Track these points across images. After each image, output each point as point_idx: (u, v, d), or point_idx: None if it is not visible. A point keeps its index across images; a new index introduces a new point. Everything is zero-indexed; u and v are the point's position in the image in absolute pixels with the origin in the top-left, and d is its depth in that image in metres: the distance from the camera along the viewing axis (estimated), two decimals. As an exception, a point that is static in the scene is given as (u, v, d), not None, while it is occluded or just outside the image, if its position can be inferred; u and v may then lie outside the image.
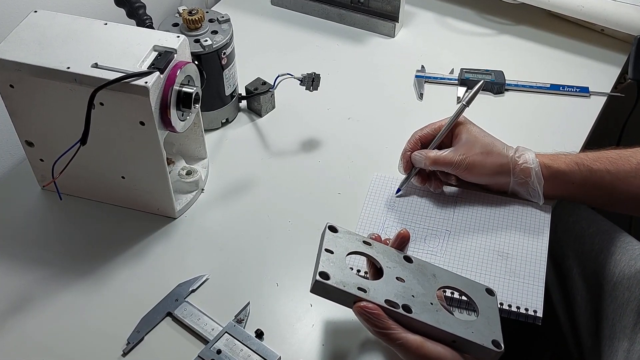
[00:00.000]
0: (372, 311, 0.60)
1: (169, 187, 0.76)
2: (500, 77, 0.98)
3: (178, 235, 0.79)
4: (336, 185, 0.85)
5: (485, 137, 0.77)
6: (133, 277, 0.74)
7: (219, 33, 0.84)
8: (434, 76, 0.99)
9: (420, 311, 0.61)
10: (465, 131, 0.77)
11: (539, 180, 0.75)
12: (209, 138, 0.89)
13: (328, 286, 0.60)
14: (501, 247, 0.75)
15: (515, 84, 0.98)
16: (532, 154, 0.76)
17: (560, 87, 0.97)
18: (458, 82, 0.98)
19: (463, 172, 0.76)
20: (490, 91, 0.97)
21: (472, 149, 0.76)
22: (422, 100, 0.97)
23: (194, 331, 0.69)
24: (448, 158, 0.76)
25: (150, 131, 0.70)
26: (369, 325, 0.60)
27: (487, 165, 0.76)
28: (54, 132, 0.74)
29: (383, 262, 0.65)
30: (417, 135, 0.79)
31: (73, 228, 0.80)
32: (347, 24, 1.10)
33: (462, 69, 0.99)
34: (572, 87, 0.97)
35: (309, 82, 0.87)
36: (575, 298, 0.82)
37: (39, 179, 0.82)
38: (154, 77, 0.66)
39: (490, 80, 0.97)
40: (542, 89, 0.97)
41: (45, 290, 0.73)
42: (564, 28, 1.08)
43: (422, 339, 0.60)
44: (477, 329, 0.62)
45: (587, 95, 0.96)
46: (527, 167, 0.75)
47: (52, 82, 0.68)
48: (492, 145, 0.76)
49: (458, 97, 0.96)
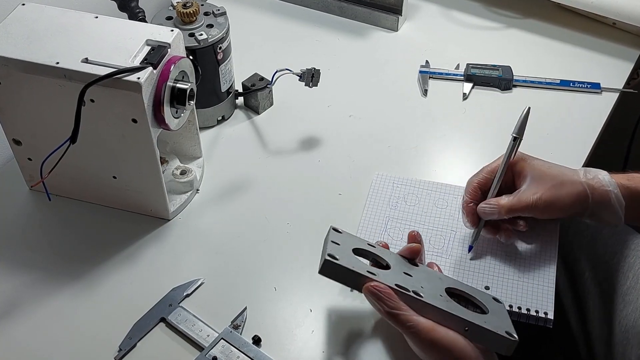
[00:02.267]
0: (382, 290, 0.61)
1: (162, 187, 0.76)
2: (508, 73, 0.98)
3: (172, 238, 0.79)
4: (337, 185, 0.85)
5: (550, 169, 0.72)
6: (125, 281, 0.74)
7: (214, 27, 0.84)
8: (439, 71, 0.99)
9: (431, 298, 0.63)
10: (528, 167, 0.73)
11: (619, 203, 0.70)
12: (204, 136, 0.89)
13: (337, 266, 0.62)
14: (508, 247, 0.75)
15: (524, 79, 0.98)
16: (606, 175, 0.71)
17: (570, 82, 0.97)
18: (464, 77, 0.98)
19: (541, 212, 0.71)
20: (498, 87, 0.97)
21: (542, 184, 0.71)
22: (426, 96, 0.96)
23: (189, 337, 0.69)
24: (523, 202, 0.70)
25: (143, 129, 0.70)
26: (381, 305, 0.62)
27: (563, 198, 0.70)
28: (43, 130, 0.74)
29: (389, 260, 0.67)
30: (474, 183, 0.74)
31: (62, 230, 0.79)
32: (349, 17, 1.10)
33: (468, 64, 0.99)
34: (583, 82, 0.97)
35: (309, 78, 0.87)
36: (587, 302, 0.82)
37: (27, 179, 0.82)
38: (146, 72, 0.66)
39: (498, 76, 0.97)
40: (552, 85, 0.97)
41: (34, 295, 0.73)
42: (574, 21, 1.08)
43: (434, 323, 0.61)
44: (489, 320, 0.63)
45: (599, 92, 0.96)
46: (604, 190, 0.70)
47: (40, 78, 0.68)
48: (561, 175, 0.71)
49: (464, 93, 0.96)
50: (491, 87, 0.97)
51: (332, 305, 0.72)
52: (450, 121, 0.93)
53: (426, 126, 0.92)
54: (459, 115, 0.94)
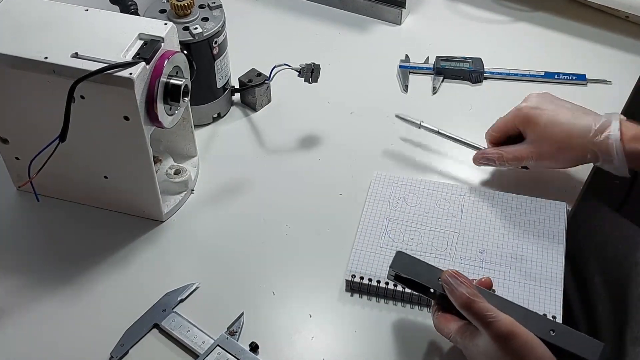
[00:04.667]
0: (462, 276, 0.62)
1: (155, 187, 0.76)
2: (479, 65, 0.98)
3: (165, 240, 0.79)
4: (337, 185, 0.84)
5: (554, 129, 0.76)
6: (116, 285, 0.74)
7: (210, 20, 0.84)
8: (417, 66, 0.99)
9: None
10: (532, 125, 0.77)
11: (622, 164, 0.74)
12: (199, 134, 0.89)
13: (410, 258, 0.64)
14: (514, 249, 0.75)
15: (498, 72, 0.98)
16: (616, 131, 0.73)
17: (555, 75, 0.97)
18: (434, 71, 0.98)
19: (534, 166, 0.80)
20: (469, 80, 0.98)
21: (542, 145, 0.77)
22: (407, 92, 0.96)
23: (183, 344, 0.69)
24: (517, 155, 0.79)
25: (135, 127, 0.69)
26: (460, 291, 0.61)
27: (560, 161, 0.78)
28: (31, 127, 0.74)
29: None
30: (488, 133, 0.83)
31: (51, 232, 0.79)
32: (350, 10, 1.10)
33: (437, 56, 0.99)
34: (568, 74, 0.97)
35: (308, 74, 0.87)
36: (597, 307, 0.82)
37: (15, 179, 0.82)
38: (139, 67, 0.66)
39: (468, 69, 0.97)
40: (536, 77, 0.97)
41: (20, 301, 0.73)
42: (585, 15, 1.08)
43: (512, 319, 0.60)
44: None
45: (584, 83, 0.97)
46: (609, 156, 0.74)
47: (28, 74, 0.68)
48: (567, 139, 0.76)
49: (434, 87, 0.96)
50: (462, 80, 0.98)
51: (332, 311, 0.72)
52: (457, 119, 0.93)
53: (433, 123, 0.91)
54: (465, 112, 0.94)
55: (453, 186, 0.82)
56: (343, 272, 0.74)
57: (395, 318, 0.71)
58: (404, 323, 0.71)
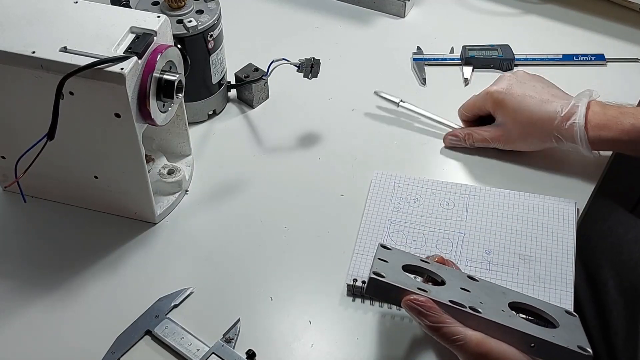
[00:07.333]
0: (423, 304, 0.61)
1: (148, 188, 0.76)
2: (508, 52, 0.98)
3: (158, 243, 0.79)
4: (338, 185, 0.85)
5: (523, 114, 0.80)
6: (107, 290, 0.74)
7: (204, 12, 0.84)
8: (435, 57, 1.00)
9: (491, 314, 0.62)
10: (501, 109, 0.82)
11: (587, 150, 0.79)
12: (193, 132, 0.89)
13: (383, 284, 0.62)
14: (522, 250, 0.75)
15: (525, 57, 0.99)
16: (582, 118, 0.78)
17: (573, 56, 0.99)
18: (462, 61, 0.99)
19: (502, 148, 0.85)
20: (499, 68, 0.98)
21: (510, 129, 0.82)
22: (425, 85, 0.96)
23: (177, 352, 0.69)
24: (486, 136, 0.85)
25: (127, 124, 0.69)
26: (422, 319, 0.61)
27: (527, 144, 0.83)
28: (17, 125, 0.74)
29: (444, 276, 0.66)
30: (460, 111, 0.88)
31: (39, 235, 0.79)
32: (351, 2, 1.10)
33: (463, 46, 1.00)
34: (587, 55, 1.00)
35: (308, 69, 0.87)
36: (611, 313, 0.82)
37: (0, 179, 0.82)
38: (130, 62, 0.66)
39: (498, 57, 0.98)
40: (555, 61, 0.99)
41: (6, 306, 0.73)
42: (598, 7, 1.08)
43: (483, 335, 0.61)
44: (558, 335, 0.63)
45: (604, 63, 0.99)
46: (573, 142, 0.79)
47: (14, 69, 0.68)
48: (533, 124, 0.80)
49: (465, 78, 0.97)
50: (492, 69, 0.98)
51: (333, 317, 0.72)
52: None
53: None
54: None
55: (457, 185, 0.82)
56: (344, 276, 0.74)
57: (399, 324, 0.71)
58: (408, 329, 0.71)
